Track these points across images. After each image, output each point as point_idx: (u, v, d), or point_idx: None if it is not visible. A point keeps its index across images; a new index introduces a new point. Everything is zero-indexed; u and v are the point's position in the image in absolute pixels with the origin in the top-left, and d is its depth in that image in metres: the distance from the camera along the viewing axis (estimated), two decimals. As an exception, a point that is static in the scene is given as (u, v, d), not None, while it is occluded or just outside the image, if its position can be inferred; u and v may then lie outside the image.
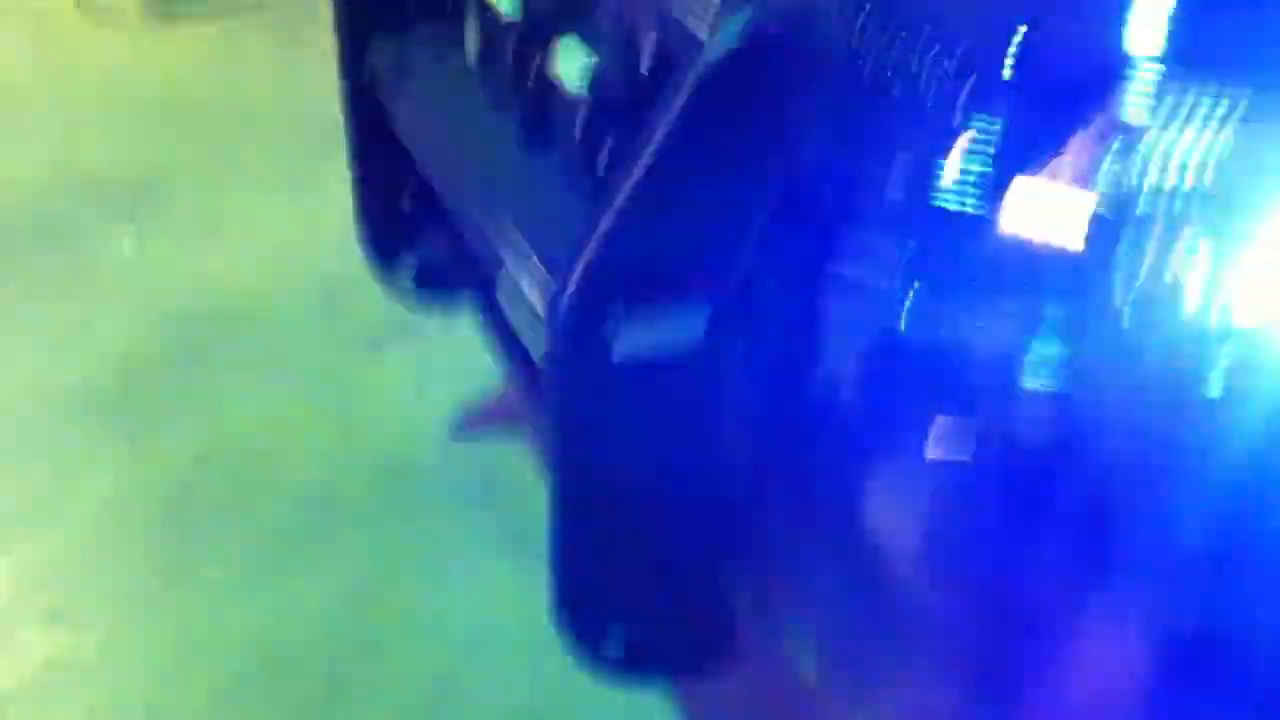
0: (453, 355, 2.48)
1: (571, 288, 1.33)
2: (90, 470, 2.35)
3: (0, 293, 2.80)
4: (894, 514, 1.43)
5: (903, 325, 1.36)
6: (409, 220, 2.15)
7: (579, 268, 1.33)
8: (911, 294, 1.38)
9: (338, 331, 2.69)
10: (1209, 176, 1.11)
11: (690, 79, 1.28)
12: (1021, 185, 1.31)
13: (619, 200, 1.31)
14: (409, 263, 2.21)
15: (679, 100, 1.28)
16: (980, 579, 1.40)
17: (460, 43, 1.97)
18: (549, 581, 1.52)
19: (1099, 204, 1.29)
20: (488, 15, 1.83)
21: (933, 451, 1.37)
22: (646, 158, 1.30)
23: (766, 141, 1.33)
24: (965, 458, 1.35)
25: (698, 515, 1.53)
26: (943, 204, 1.36)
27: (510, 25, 1.77)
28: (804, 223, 1.46)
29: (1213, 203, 1.10)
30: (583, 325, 1.35)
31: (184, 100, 3.54)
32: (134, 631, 2.06)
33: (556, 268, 1.42)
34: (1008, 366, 1.32)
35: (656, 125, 1.29)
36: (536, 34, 1.73)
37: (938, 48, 1.38)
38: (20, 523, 2.24)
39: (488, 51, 1.86)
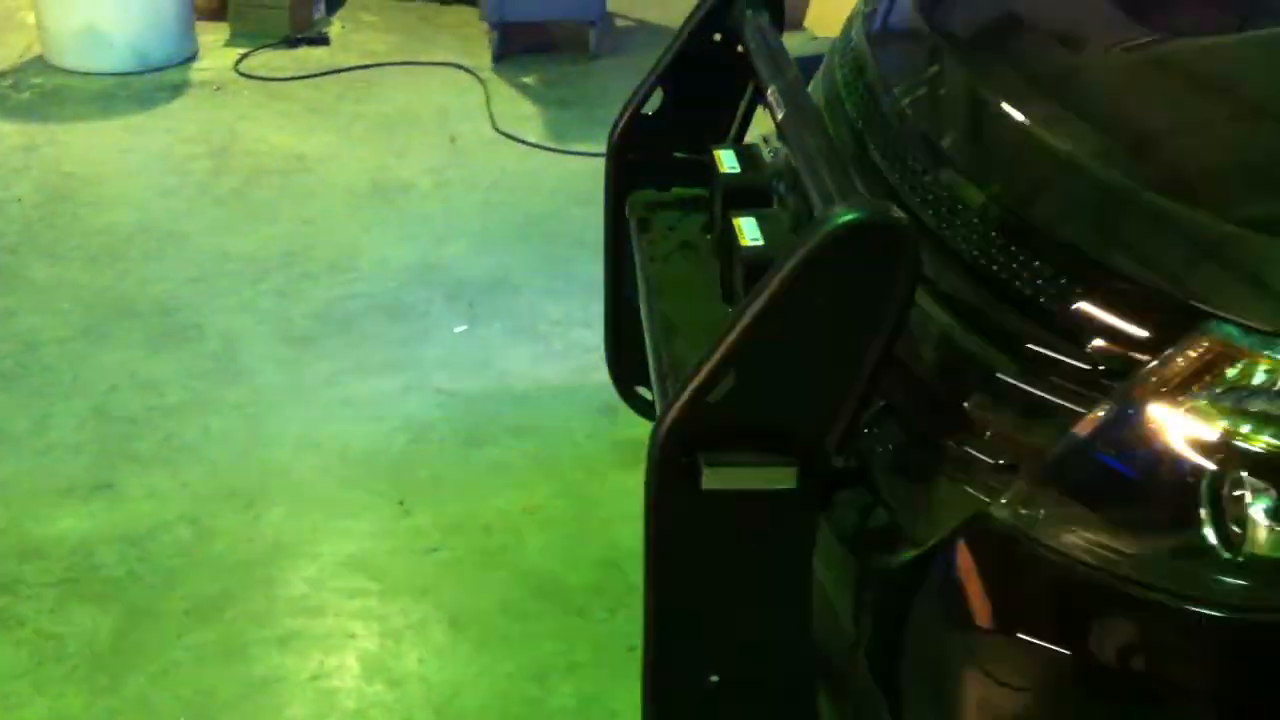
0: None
1: (669, 420, 1.49)
2: (356, 523, 2.68)
3: (338, 361, 3.24)
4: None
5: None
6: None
7: (676, 405, 1.48)
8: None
9: (608, 436, 2.93)
10: None
11: (792, 257, 1.41)
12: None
13: (717, 351, 1.46)
14: (648, 385, 2.42)
15: (779, 273, 1.42)
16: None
17: (703, 204, 2.18)
18: (643, 702, 1.66)
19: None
20: (714, 177, 2.02)
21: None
22: (745, 317, 1.44)
23: (860, 318, 1.44)
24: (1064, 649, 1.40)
25: (786, 649, 1.62)
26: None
27: (725, 183, 1.96)
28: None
29: None
30: (674, 457, 1.49)
31: (552, 214, 3.95)
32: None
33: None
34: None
35: (760, 292, 1.43)
36: (742, 191, 1.92)
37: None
38: (285, 557, 2.59)
39: (712, 210, 2.06)
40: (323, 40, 5.28)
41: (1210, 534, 1.30)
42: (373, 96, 4.82)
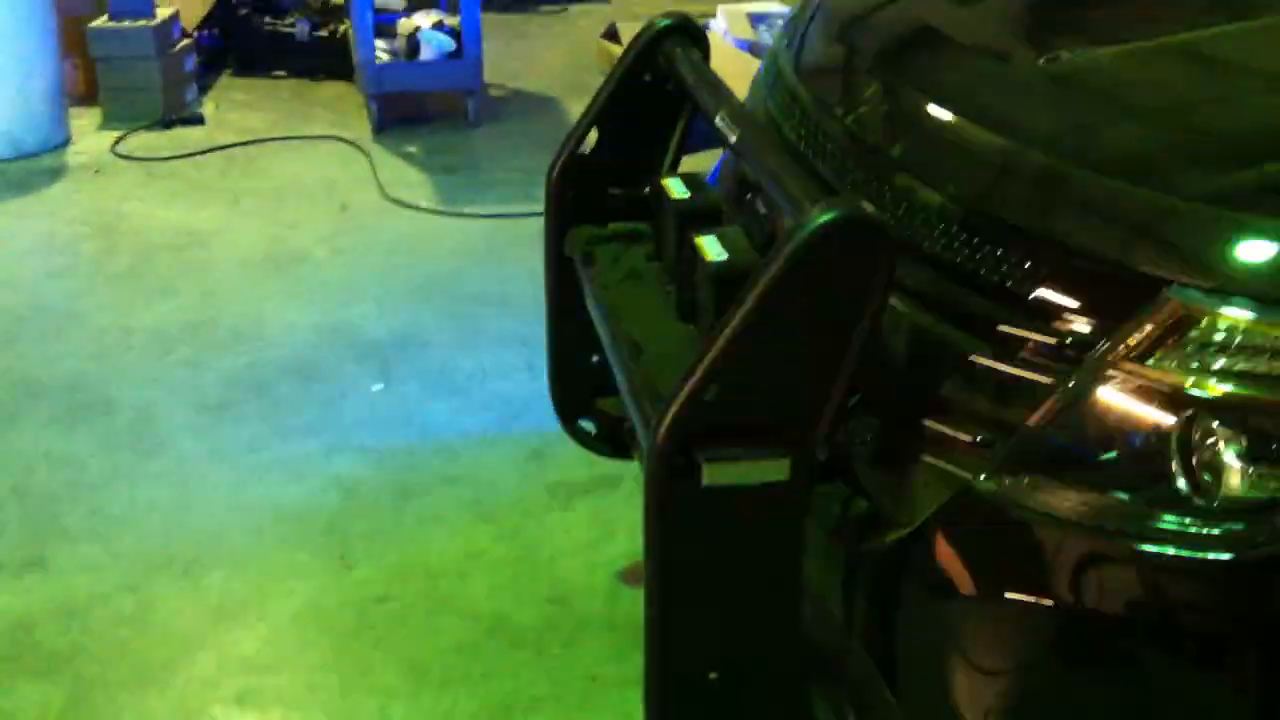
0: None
1: (665, 424, 1.55)
2: (299, 580, 2.66)
3: (257, 426, 3.22)
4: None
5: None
6: (593, 380, 2.41)
7: (671, 409, 1.55)
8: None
9: (540, 480, 2.97)
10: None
11: (774, 260, 1.50)
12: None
13: (707, 355, 1.53)
14: (593, 417, 2.47)
15: (765, 277, 1.50)
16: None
17: (644, 236, 2.26)
18: (645, 700, 1.70)
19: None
20: (665, 204, 2.11)
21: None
22: (735, 321, 1.52)
23: (843, 314, 1.53)
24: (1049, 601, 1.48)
25: (782, 640, 1.68)
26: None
27: (678, 208, 2.04)
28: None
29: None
30: (673, 457, 1.55)
31: (452, 274, 4.00)
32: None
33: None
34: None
35: (742, 299, 1.51)
36: (696, 214, 2.00)
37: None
38: (232, 618, 2.57)
39: (663, 236, 2.14)
40: (198, 120, 5.27)
41: (1182, 483, 1.41)
42: (257, 171, 4.82)
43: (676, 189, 2.06)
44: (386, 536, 2.81)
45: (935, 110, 1.77)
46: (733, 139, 1.85)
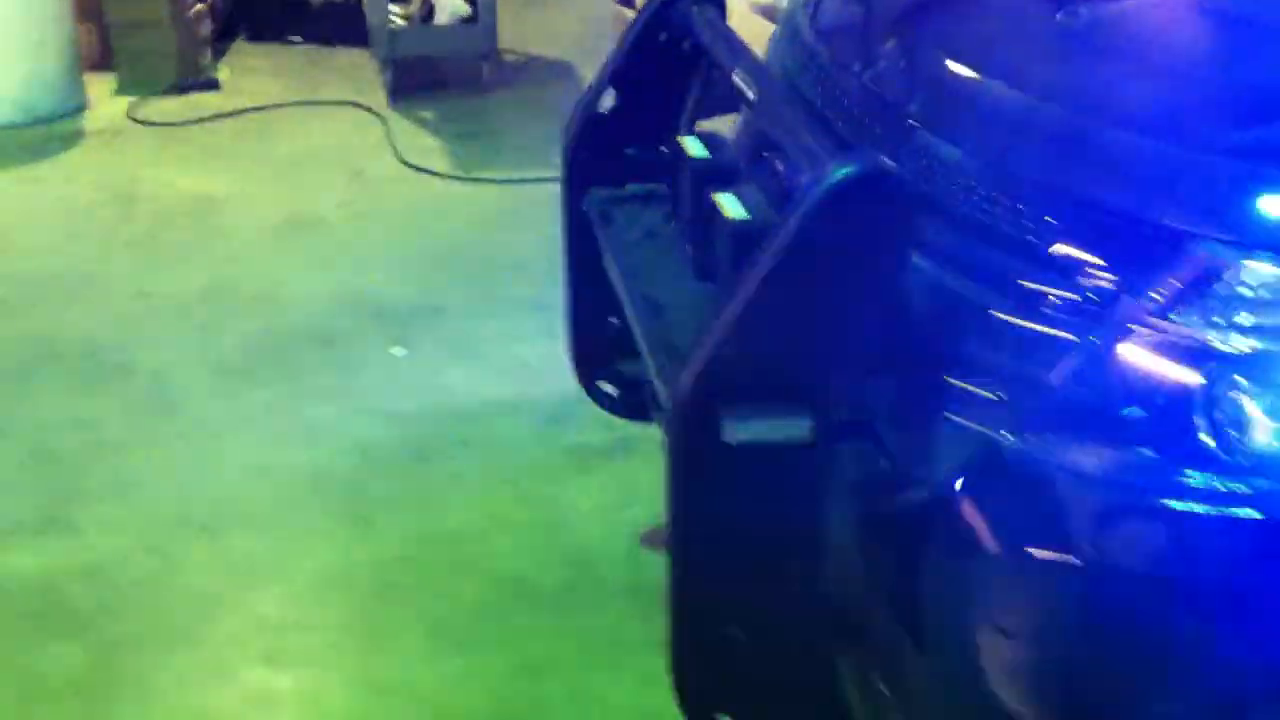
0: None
1: (687, 380, 1.55)
2: (320, 541, 2.68)
3: (275, 389, 3.23)
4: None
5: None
6: (612, 342, 2.41)
7: (693, 365, 1.55)
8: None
9: (559, 444, 2.98)
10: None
11: (794, 216, 1.49)
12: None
13: (728, 311, 1.53)
14: (613, 379, 2.47)
15: (783, 232, 1.50)
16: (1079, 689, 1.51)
17: (660, 197, 2.25)
18: (667, 659, 1.70)
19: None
20: (684, 162, 2.10)
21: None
22: (755, 278, 1.52)
23: (863, 270, 1.53)
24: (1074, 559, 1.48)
25: (805, 599, 1.68)
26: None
27: (696, 166, 2.03)
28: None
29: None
30: (696, 414, 1.56)
31: (469, 241, 3.99)
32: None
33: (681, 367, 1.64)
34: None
35: (762, 255, 1.51)
36: (715, 173, 2.00)
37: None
38: (254, 578, 2.58)
39: (680, 195, 2.13)
40: (213, 85, 5.26)
41: (1209, 439, 1.40)
42: (273, 137, 4.81)
43: (695, 148, 2.05)
44: (406, 499, 2.82)
45: (953, 66, 1.75)
46: (751, 95, 1.84)
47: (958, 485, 1.54)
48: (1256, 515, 1.37)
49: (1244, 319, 1.39)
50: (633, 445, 2.92)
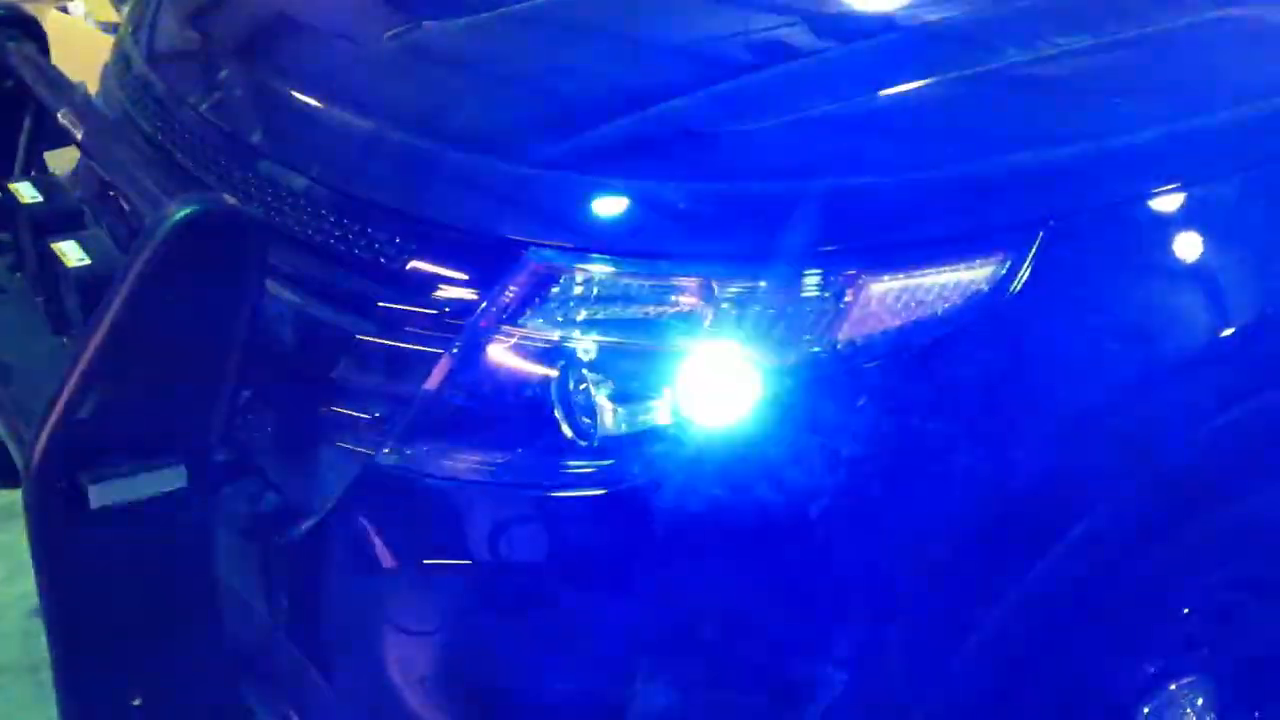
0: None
1: (41, 446, 1.44)
2: None
3: None
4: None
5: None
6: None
7: (46, 429, 1.44)
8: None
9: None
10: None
11: (135, 261, 1.43)
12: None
13: (78, 365, 1.44)
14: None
15: (126, 278, 1.43)
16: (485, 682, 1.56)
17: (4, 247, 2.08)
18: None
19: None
20: (17, 210, 1.95)
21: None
22: (102, 328, 1.44)
23: (218, 309, 1.49)
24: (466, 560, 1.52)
25: (208, 649, 1.62)
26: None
27: (31, 213, 1.90)
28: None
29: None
30: (54, 481, 1.45)
31: None
32: None
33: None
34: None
35: (106, 304, 1.43)
36: (53, 218, 1.88)
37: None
38: None
39: (22, 244, 1.98)
40: None
41: (567, 429, 1.50)
42: None
43: (27, 193, 1.91)
44: None
45: (289, 93, 1.75)
46: (79, 135, 1.74)
47: (337, 507, 1.55)
48: (604, 491, 1.48)
49: (583, 316, 1.50)
50: (15, 511, 2.67)
